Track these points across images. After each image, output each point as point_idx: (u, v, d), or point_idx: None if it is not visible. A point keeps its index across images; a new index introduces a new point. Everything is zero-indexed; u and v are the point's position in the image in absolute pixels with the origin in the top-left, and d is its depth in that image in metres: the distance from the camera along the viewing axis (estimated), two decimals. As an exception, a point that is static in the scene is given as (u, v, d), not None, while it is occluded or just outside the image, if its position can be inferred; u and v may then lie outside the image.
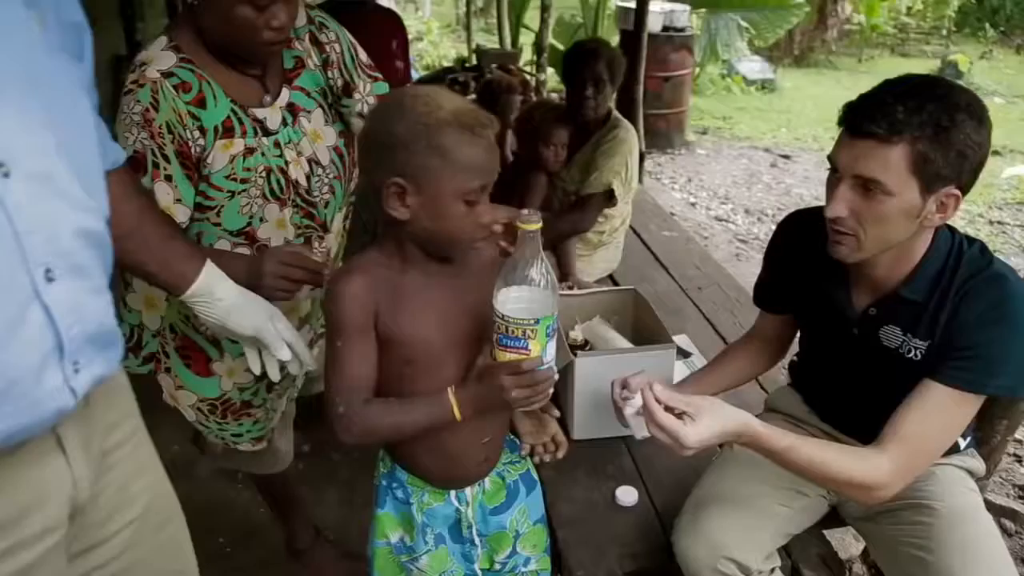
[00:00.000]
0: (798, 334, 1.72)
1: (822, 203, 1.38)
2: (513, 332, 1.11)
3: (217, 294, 1.33)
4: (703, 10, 8.01)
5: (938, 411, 1.33)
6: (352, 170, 1.68)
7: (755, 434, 1.31)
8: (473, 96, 4.29)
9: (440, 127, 1.09)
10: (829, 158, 1.35)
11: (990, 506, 1.64)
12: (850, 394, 1.54)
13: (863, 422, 1.46)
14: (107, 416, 1.07)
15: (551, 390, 1.20)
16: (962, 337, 1.32)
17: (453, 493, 1.36)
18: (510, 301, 1.11)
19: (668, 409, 1.28)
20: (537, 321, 1.11)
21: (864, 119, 1.26)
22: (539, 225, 1.10)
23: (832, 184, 1.34)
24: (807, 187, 6.13)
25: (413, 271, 1.21)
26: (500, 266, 1.14)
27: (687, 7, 7.17)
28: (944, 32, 12.61)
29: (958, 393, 1.32)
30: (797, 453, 1.31)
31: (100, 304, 0.96)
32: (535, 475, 1.51)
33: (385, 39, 3.20)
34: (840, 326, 1.50)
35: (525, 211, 1.10)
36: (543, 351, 1.14)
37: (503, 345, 1.13)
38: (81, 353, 0.91)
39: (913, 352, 1.39)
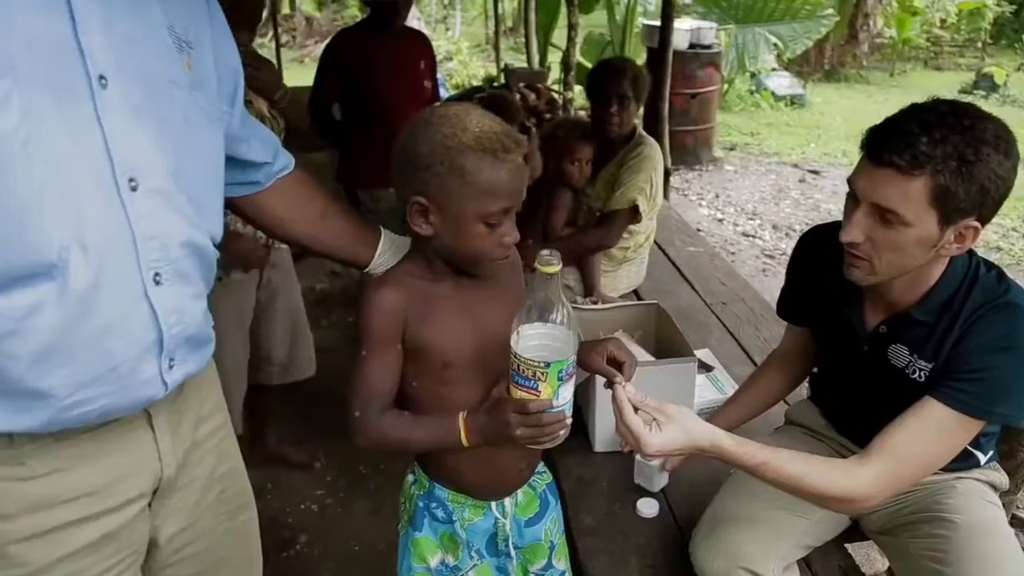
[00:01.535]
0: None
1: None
2: (524, 372, 1.10)
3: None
4: (730, 25, 8.03)
5: (932, 429, 1.31)
6: None
7: (723, 451, 1.29)
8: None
9: (462, 150, 1.10)
10: (849, 181, 1.34)
11: (1017, 521, 1.63)
12: (862, 409, 1.55)
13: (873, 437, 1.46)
14: (200, 408, 1.20)
15: (563, 432, 1.17)
16: (966, 360, 1.30)
17: (494, 505, 1.37)
18: (524, 340, 1.11)
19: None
20: (548, 365, 1.08)
21: (886, 149, 1.24)
22: (557, 268, 1.08)
23: (849, 208, 1.34)
24: (836, 202, 6.10)
25: (444, 281, 1.24)
26: (523, 301, 1.13)
27: (714, 24, 7.21)
28: (979, 45, 12.46)
29: (955, 414, 1.30)
30: (770, 468, 1.29)
31: (198, 308, 1.07)
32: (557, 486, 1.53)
33: (413, 60, 3.26)
34: (852, 342, 1.50)
35: (546, 252, 1.08)
36: (554, 394, 1.11)
37: (515, 382, 1.12)
38: (177, 350, 1.03)
39: (918, 373, 1.39)
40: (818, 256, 1.54)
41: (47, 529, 0.99)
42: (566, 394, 1.14)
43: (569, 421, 1.17)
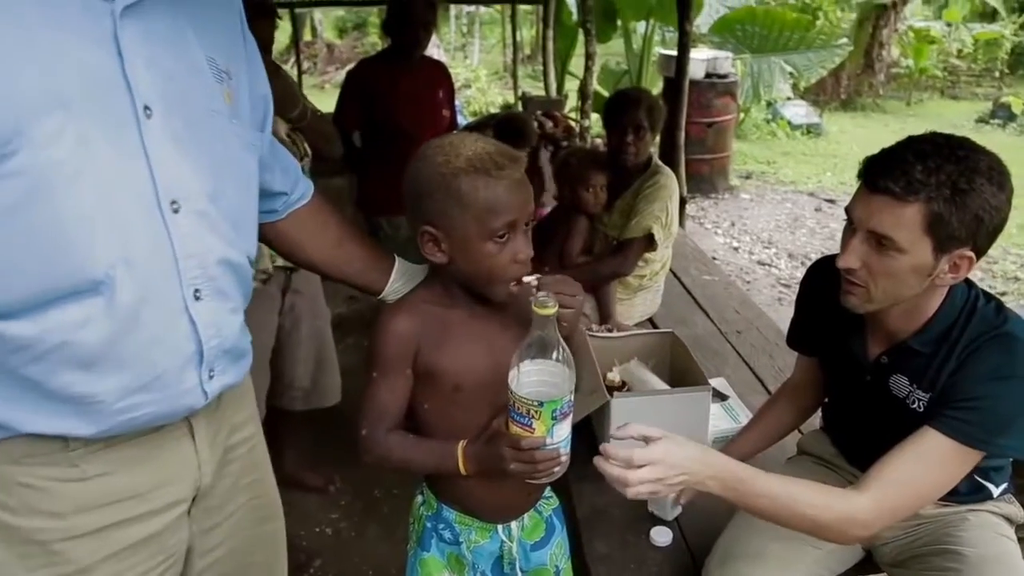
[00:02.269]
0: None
1: None
2: (519, 408, 1.12)
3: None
4: (746, 55, 8.09)
5: (930, 459, 1.31)
6: None
7: (711, 466, 1.25)
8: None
9: (455, 174, 1.14)
10: (846, 210, 1.36)
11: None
12: (868, 438, 1.53)
13: None
14: (234, 418, 1.25)
15: (558, 469, 1.19)
16: (963, 389, 1.31)
17: (500, 527, 1.39)
18: (520, 377, 1.13)
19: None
20: (541, 404, 1.10)
21: (882, 176, 1.27)
22: (553, 310, 1.09)
23: (847, 235, 1.36)
24: (853, 231, 6.09)
25: (459, 307, 1.27)
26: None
27: (730, 54, 7.26)
28: (996, 74, 12.46)
29: (953, 443, 1.30)
30: (758, 484, 1.27)
31: (235, 322, 1.13)
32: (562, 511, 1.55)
33: (432, 89, 3.33)
34: (855, 372, 1.52)
35: (542, 294, 1.12)
36: (548, 432, 1.13)
37: (511, 417, 1.15)
38: (216, 362, 1.09)
39: (918, 403, 1.39)
40: (824, 286, 1.55)
41: (95, 528, 1.05)
42: (561, 432, 1.15)
43: (564, 459, 1.18)
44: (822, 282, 1.57)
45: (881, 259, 1.30)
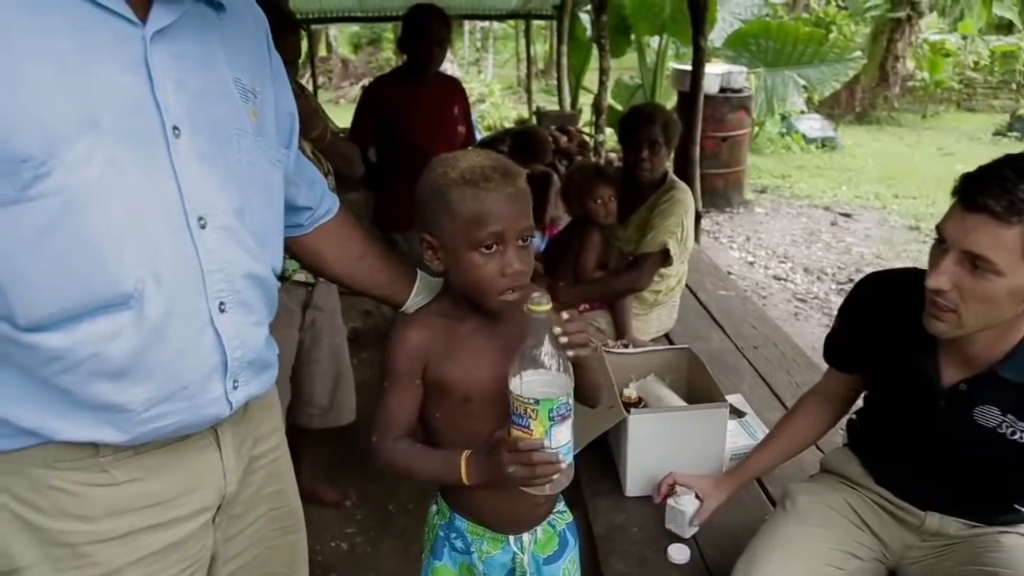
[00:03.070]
0: (862, 394, 1.69)
1: (885, 263, 1.37)
2: (517, 409, 1.13)
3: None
4: (760, 69, 8.10)
5: None
6: None
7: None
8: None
9: (448, 185, 1.18)
10: (937, 228, 1.30)
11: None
12: (923, 463, 1.50)
13: (933, 492, 1.44)
14: (260, 428, 1.28)
15: (559, 477, 1.17)
16: None
17: (512, 539, 1.39)
18: (517, 379, 1.13)
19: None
20: (537, 402, 1.11)
21: (981, 193, 1.21)
22: (547, 308, 1.10)
23: (937, 254, 1.30)
24: (868, 246, 6.07)
25: (469, 320, 1.29)
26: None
27: (744, 69, 7.27)
28: (1013, 86, 12.41)
29: None
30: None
31: (260, 335, 1.15)
32: (576, 526, 1.54)
33: (447, 105, 3.35)
34: (923, 397, 1.45)
35: (536, 293, 1.12)
36: (546, 434, 1.13)
37: (512, 421, 1.15)
38: (241, 373, 1.11)
39: (1019, 434, 1.34)
40: (882, 303, 1.50)
41: (123, 533, 1.07)
42: (560, 437, 1.14)
43: (565, 466, 1.17)
44: (879, 299, 1.52)
45: (976, 282, 1.24)
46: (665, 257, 2.71)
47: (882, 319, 1.50)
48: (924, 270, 1.33)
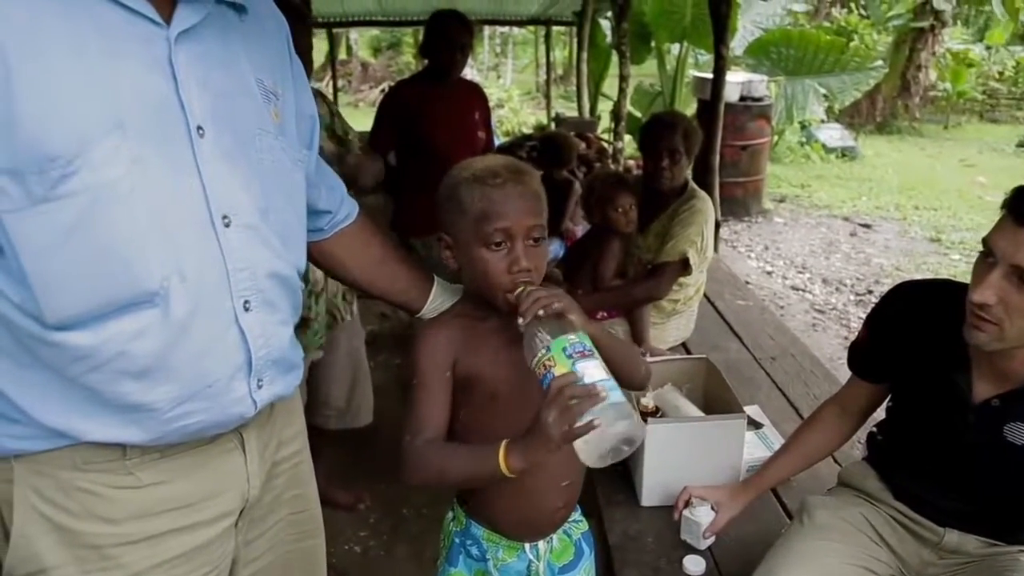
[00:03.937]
0: (886, 405, 1.67)
1: (905, 274, 1.36)
2: (540, 372, 1.10)
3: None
4: (780, 77, 8.06)
5: None
6: None
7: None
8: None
9: (460, 184, 1.23)
10: (984, 240, 1.29)
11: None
12: (946, 478, 1.48)
13: (955, 508, 1.42)
14: (283, 432, 1.28)
15: (611, 413, 1.04)
16: None
17: (527, 546, 1.39)
18: (529, 352, 1.12)
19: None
20: (548, 348, 1.09)
21: None
22: (519, 289, 1.17)
23: (983, 268, 1.29)
24: (888, 257, 6.02)
25: (492, 319, 1.30)
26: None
27: (764, 77, 7.24)
28: (1037, 98, 12.30)
29: None
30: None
31: (285, 334, 1.16)
32: (591, 536, 1.54)
33: (468, 110, 3.36)
34: (952, 411, 1.44)
35: (518, 290, 1.18)
36: (571, 370, 1.06)
37: (543, 392, 1.09)
38: (265, 372, 1.11)
39: None
40: (913, 314, 1.48)
41: (148, 535, 1.08)
42: (591, 371, 1.07)
43: (606, 394, 1.05)
44: (910, 309, 1.51)
45: (1023, 296, 1.24)
46: (684, 266, 2.69)
47: (914, 330, 1.48)
48: (958, 282, 1.32)
